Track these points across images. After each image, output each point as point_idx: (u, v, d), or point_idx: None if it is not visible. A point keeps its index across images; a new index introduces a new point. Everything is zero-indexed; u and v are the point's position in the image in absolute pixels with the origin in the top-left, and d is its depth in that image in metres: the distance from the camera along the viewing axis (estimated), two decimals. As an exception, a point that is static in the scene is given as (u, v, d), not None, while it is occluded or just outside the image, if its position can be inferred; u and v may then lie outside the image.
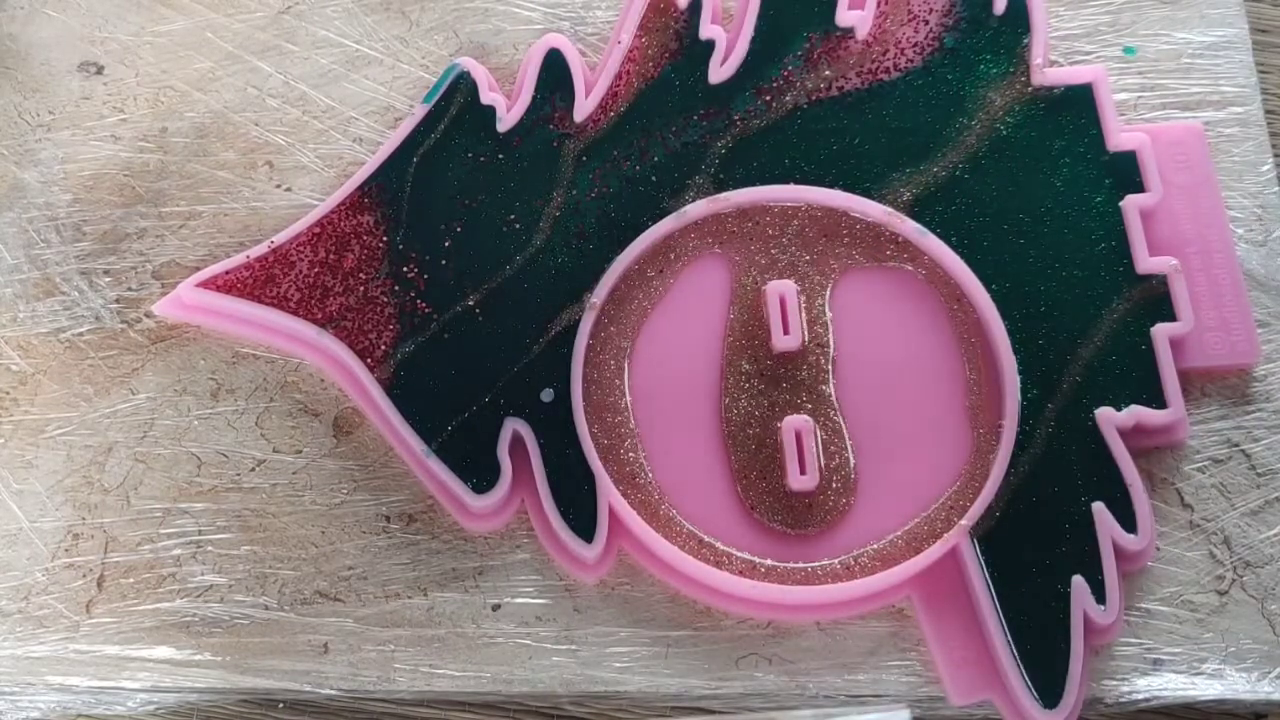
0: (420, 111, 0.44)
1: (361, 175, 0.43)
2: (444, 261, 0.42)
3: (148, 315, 0.44)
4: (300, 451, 0.42)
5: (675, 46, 0.44)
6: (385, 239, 0.43)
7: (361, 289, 0.42)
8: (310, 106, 0.46)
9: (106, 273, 0.44)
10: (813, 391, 0.40)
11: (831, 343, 0.41)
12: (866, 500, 0.40)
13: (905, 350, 0.41)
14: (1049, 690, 0.37)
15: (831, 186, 0.42)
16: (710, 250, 0.42)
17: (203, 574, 0.40)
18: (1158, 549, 0.39)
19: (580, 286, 0.41)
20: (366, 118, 0.45)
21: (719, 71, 0.43)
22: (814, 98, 0.43)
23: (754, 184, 0.42)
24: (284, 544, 0.41)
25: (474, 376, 0.41)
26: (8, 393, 0.43)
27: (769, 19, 0.44)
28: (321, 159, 0.45)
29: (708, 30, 0.44)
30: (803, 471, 0.39)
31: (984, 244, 0.41)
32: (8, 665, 0.40)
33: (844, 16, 0.43)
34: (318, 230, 0.43)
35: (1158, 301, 0.40)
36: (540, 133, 0.43)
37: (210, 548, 0.41)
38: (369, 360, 0.41)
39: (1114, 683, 0.38)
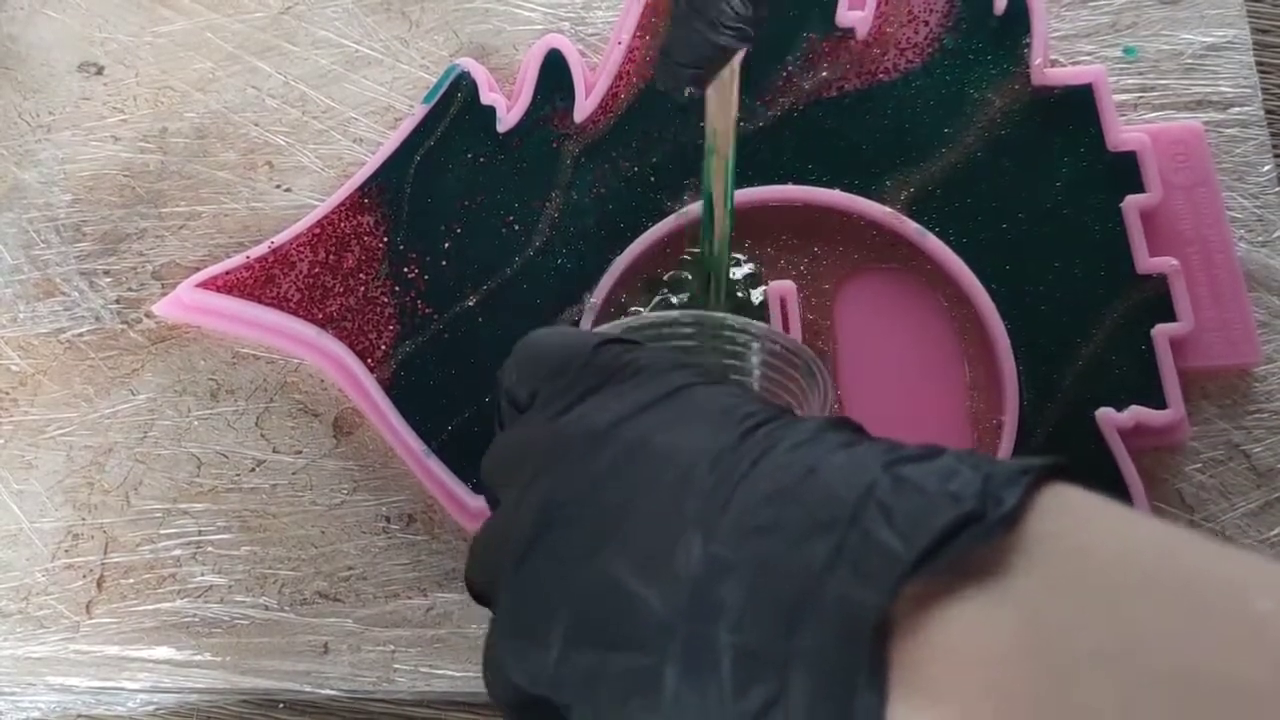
0: (420, 111, 0.44)
1: (361, 175, 0.43)
2: (444, 262, 0.42)
3: (148, 315, 0.44)
4: (300, 452, 0.42)
5: (675, 47, 0.44)
6: (385, 239, 0.43)
7: (361, 289, 0.42)
8: (310, 106, 0.46)
9: (106, 273, 0.44)
10: (813, 392, 0.40)
11: (831, 342, 0.41)
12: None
13: (905, 351, 0.41)
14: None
15: (831, 187, 0.42)
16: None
17: (203, 574, 0.40)
18: (1158, 549, 0.39)
19: (580, 286, 0.41)
20: (366, 118, 0.45)
21: (719, 72, 0.43)
22: (813, 98, 0.43)
23: (753, 184, 0.42)
24: (284, 544, 0.41)
25: (474, 376, 0.41)
26: (8, 393, 0.43)
27: (769, 19, 0.44)
28: (321, 159, 0.45)
29: (708, 30, 0.44)
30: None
31: (984, 244, 0.41)
32: (8, 665, 0.40)
33: (844, 17, 0.43)
34: (318, 230, 0.43)
35: (1158, 301, 0.40)
36: (540, 133, 0.43)
37: (210, 548, 0.41)
38: (369, 360, 0.41)
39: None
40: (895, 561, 0.21)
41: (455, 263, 0.42)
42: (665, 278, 0.41)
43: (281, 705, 0.40)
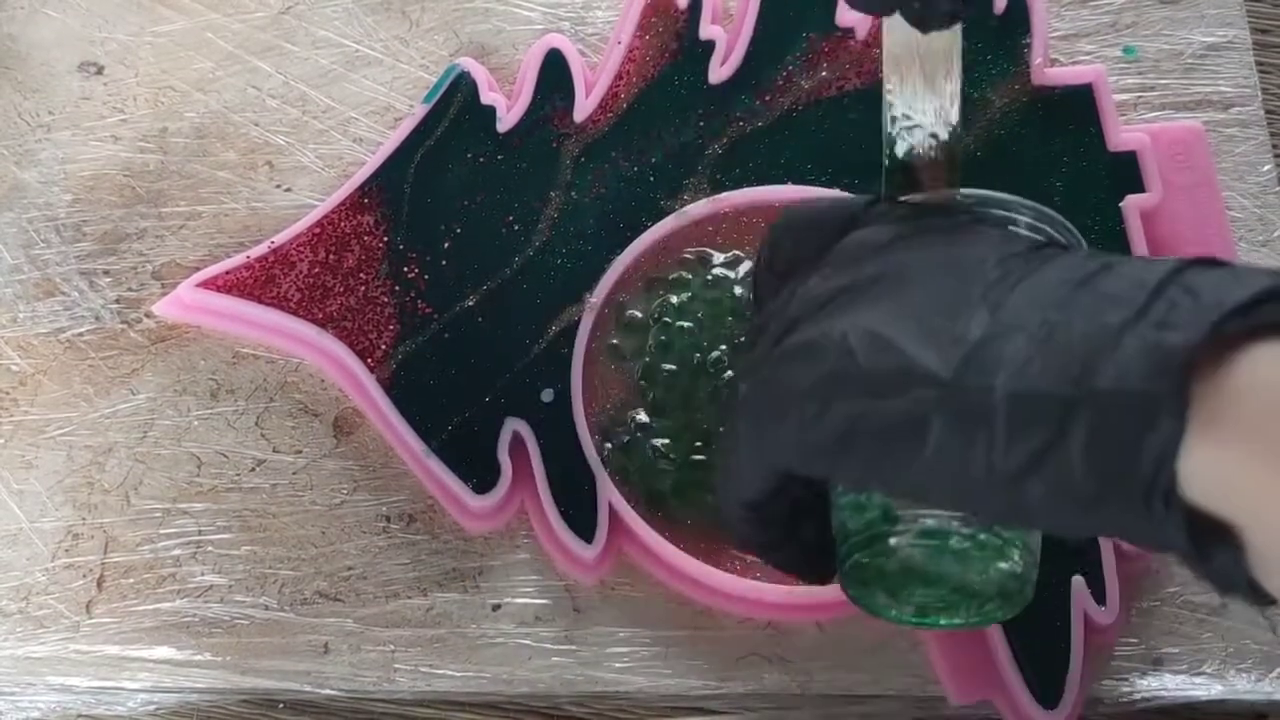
0: (420, 111, 0.44)
1: (361, 175, 0.43)
2: (444, 262, 0.42)
3: (148, 315, 0.44)
4: (300, 452, 0.42)
5: (675, 46, 0.44)
6: (385, 239, 0.43)
7: (361, 289, 0.42)
8: (310, 106, 0.46)
9: (106, 273, 0.44)
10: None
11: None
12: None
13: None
14: (1049, 690, 0.37)
15: (831, 187, 0.42)
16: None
17: (203, 574, 0.40)
18: (1158, 549, 0.39)
19: (580, 286, 0.41)
20: (366, 118, 0.45)
21: (719, 72, 0.43)
22: (813, 98, 0.43)
23: (750, 184, 0.42)
24: (284, 544, 0.41)
25: (474, 376, 0.41)
26: (8, 393, 0.43)
27: (769, 19, 0.44)
28: (321, 159, 0.45)
29: (707, 30, 0.44)
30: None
31: (984, 244, 0.41)
32: (8, 665, 0.40)
33: (844, 17, 0.43)
34: (318, 230, 0.43)
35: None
36: (540, 133, 0.43)
37: (210, 548, 0.41)
38: (369, 360, 0.41)
39: (1114, 683, 0.38)
40: (1206, 312, 0.21)
41: (455, 262, 0.42)
42: (669, 277, 0.41)
43: (281, 705, 0.40)
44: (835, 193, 0.41)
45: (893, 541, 0.29)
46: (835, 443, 0.25)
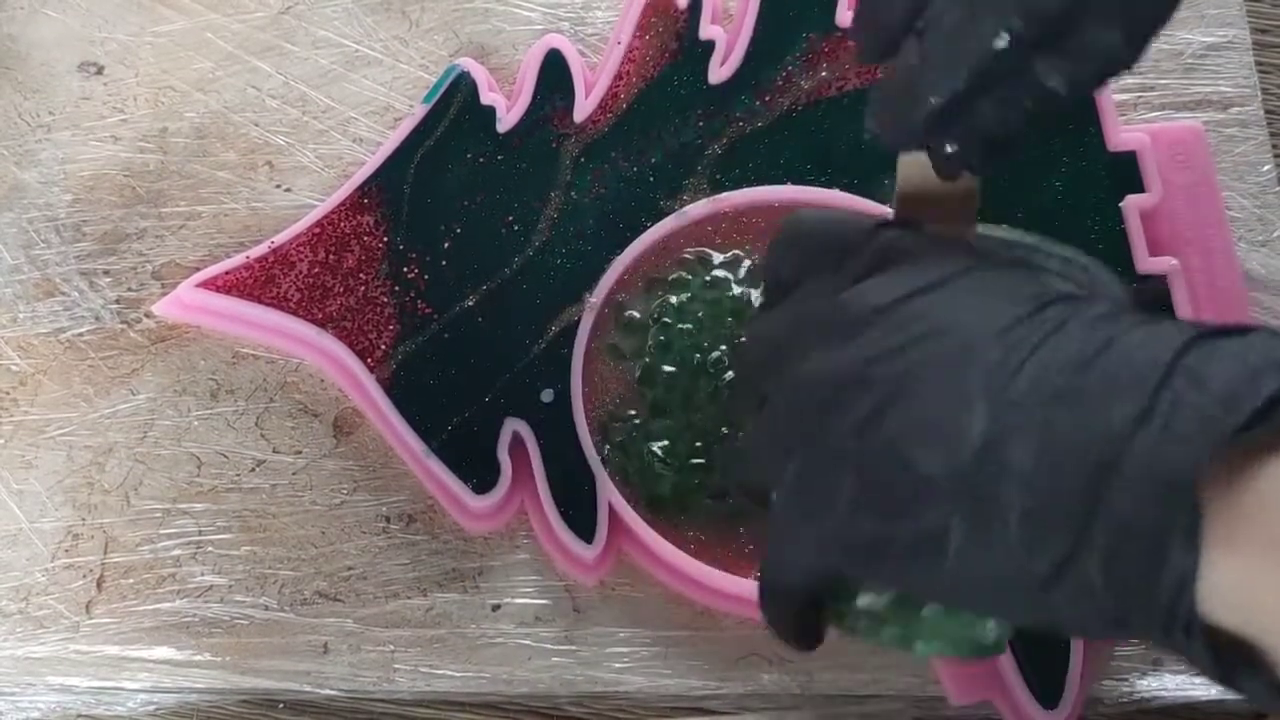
0: (420, 111, 0.44)
1: (361, 175, 0.43)
2: (444, 262, 0.42)
3: (148, 315, 0.44)
4: (300, 452, 0.42)
5: (675, 46, 0.44)
6: (385, 239, 0.43)
7: (361, 289, 0.42)
8: (310, 106, 0.46)
9: (106, 273, 0.44)
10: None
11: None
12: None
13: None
14: (1049, 690, 0.37)
15: (831, 187, 0.42)
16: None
17: (203, 574, 0.40)
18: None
19: (580, 286, 0.41)
20: (366, 118, 0.45)
21: (718, 72, 0.43)
22: (813, 98, 0.43)
23: (750, 184, 0.42)
24: (284, 544, 0.41)
25: (474, 376, 0.41)
26: (8, 393, 0.43)
27: (769, 19, 0.44)
28: (321, 159, 0.45)
29: (707, 30, 0.44)
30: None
31: (984, 244, 0.41)
32: (8, 665, 0.40)
33: (844, 17, 0.43)
34: (318, 230, 0.43)
35: (1157, 301, 0.40)
36: (540, 133, 0.43)
37: (210, 548, 0.41)
38: (369, 360, 0.41)
39: (1114, 683, 0.38)
40: (1214, 423, 0.21)
41: (455, 263, 0.42)
42: (669, 278, 0.41)
43: (281, 705, 0.40)
44: (835, 193, 0.41)
45: (861, 603, 0.29)
46: (870, 553, 0.25)
